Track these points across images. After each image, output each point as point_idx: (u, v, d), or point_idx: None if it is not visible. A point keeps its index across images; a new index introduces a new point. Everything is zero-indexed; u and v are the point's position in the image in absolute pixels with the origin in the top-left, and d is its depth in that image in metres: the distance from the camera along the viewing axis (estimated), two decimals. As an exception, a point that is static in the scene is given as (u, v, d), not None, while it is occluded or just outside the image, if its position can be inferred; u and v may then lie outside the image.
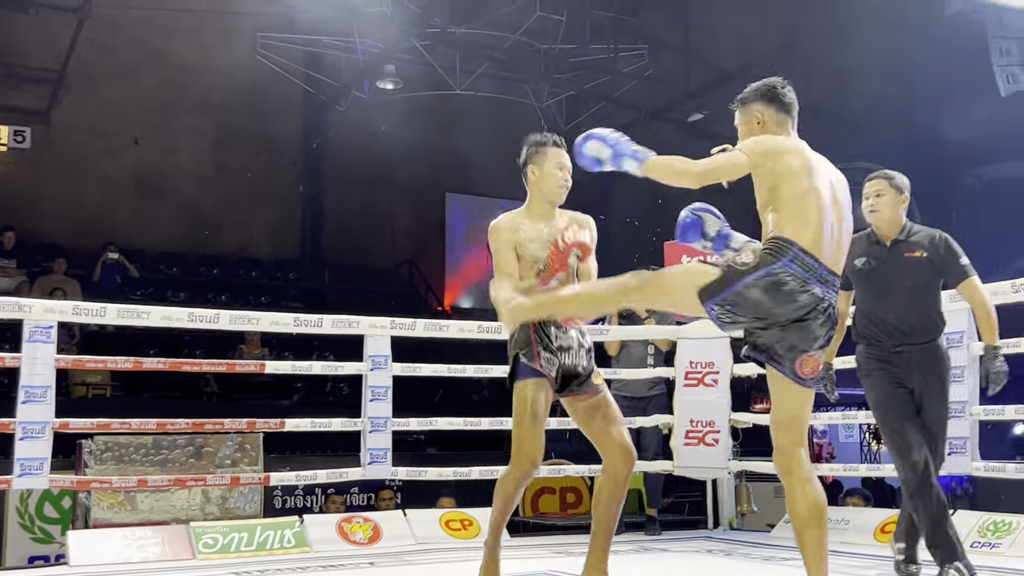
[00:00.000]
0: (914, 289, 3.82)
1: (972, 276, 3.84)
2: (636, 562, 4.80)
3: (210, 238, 13.99)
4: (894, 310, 3.81)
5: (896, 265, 3.84)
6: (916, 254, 3.82)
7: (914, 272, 3.82)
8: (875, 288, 3.86)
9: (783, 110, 3.07)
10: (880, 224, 3.90)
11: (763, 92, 3.09)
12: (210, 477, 5.20)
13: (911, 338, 3.80)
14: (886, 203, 3.87)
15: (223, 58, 13.49)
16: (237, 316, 5.09)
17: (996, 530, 4.58)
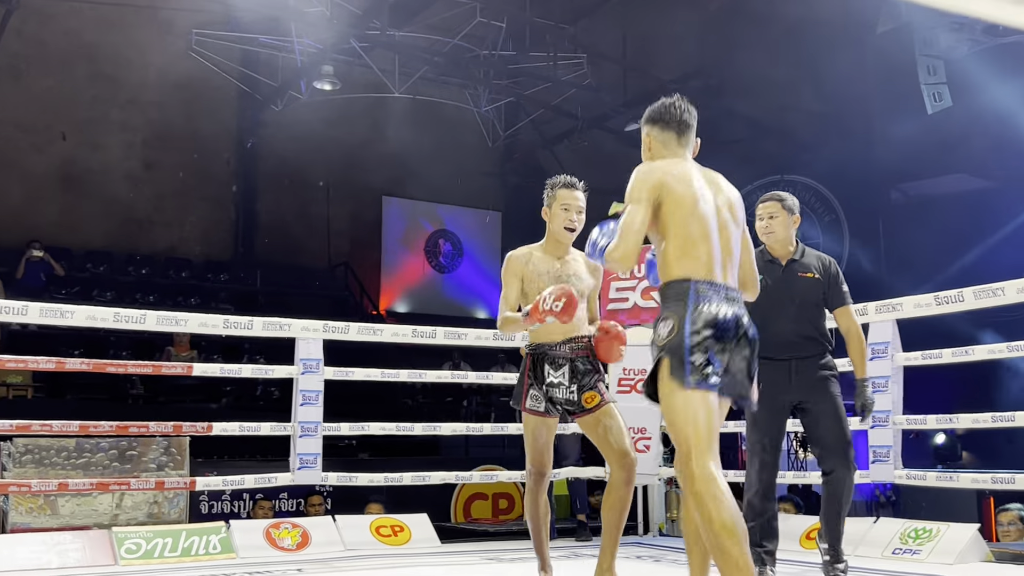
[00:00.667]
0: (804, 306, 4.04)
1: (850, 304, 4.09)
2: (566, 568, 4.81)
3: (139, 237, 13.71)
4: (783, 325, 3.98)
5: (790, 283, 4.04)
6: (808, 275, 4.05)
7: (805, 291, 4.04)
8: (768, 304, 3.88)
9: (669, 128, 3.04)
10: (774, 244, 4.11)
11: (650, 114, 3.09)
12: (134, 481, 5.08)
13: (798, 351, 4.00)
14: (780, 224, 4.08)
15: (157, 54, 13.23)
16: (164, 317, 4.99)
17: (917, 537, 4.68)
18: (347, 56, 12.84)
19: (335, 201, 15.13)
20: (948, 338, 4.50)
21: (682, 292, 2.82)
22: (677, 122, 3.03)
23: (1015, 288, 4.49)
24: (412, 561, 4.90)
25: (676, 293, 2.83)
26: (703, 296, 2.80)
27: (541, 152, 16.39)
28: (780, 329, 3.95)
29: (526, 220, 16.77)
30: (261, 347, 10.79)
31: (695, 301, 2.79)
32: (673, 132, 3.04)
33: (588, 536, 5.92)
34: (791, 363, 3.99)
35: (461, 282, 16.66)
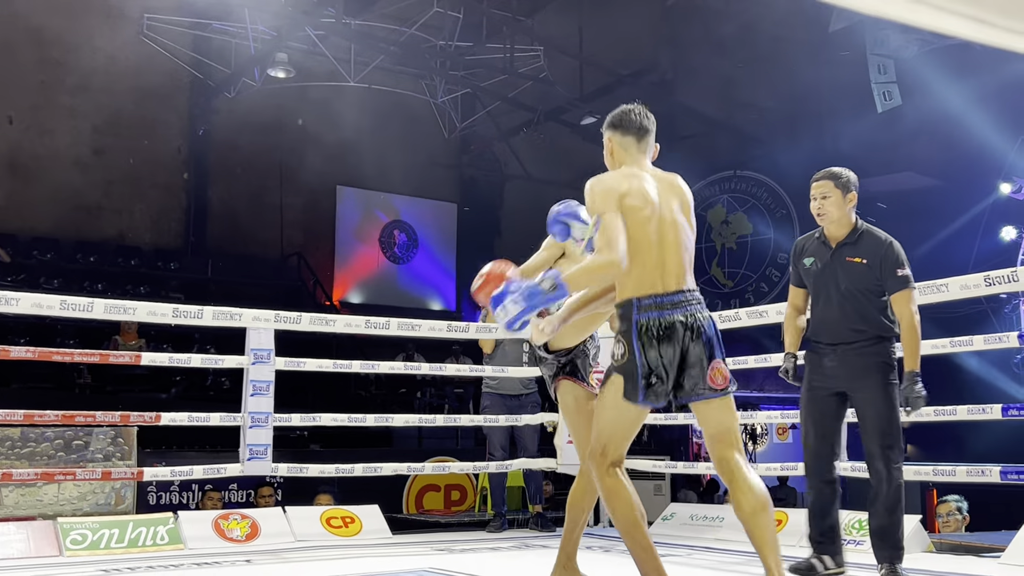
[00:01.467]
0: (849, 293, 3.79)
1: (906, 289, 3.75)
2: (516, 558, 4.84)
3: (88, 224, 13.48)
4: (830, 312, 3.82)
5: (836, 268, 3.82)
6: (856, 260, 3.79)
7: (852, 277, 3.79)
8: (816, 288, 3.89)
9: (628, 132, 3.19)
10: (828, 225, 3.87)
11: (611, 119, 3.24)
12: (80, 471, 5.00)
13: (844, 339, 3.79)
14: (833, 204, 3.83)
15: (107, 39, 13.01)
16: (112, 305, 4.91)
17: (861, 528, 4.77)
18: (302, 44, 12.74)
19: (288, 190, 15.00)
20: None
21: (628, 312, 3.00)
22: (636, 128, 3.19)
23: (958, 285, 4.58)
24: (363, 552, 4.89)
25: (624, 313, 3.02)
26: (643, 313, 2.97)
27: (497, 144, 16.40)
28: (825, 316, 3.82)
29: (482, 211, 16.88)
30: (212, 337, 10.69)
31: (638, 321, 2.97)
32: (632, 137, 3.19)
33: (551, 527, 5.95)
34: (837, 349, 3.79)
35: (416, 273, 16.61)
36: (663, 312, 2.97)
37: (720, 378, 3.03)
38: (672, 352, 2.96)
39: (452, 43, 13.50)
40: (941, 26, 0.85)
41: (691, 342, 2.97)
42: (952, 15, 0.80)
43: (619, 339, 3.03)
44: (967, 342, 4.77)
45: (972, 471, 4.57)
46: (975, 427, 8.73)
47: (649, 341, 2.96)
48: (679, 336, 2.96)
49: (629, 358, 2.98)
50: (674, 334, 2.96)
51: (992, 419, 4.57)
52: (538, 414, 6.02)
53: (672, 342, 2.96)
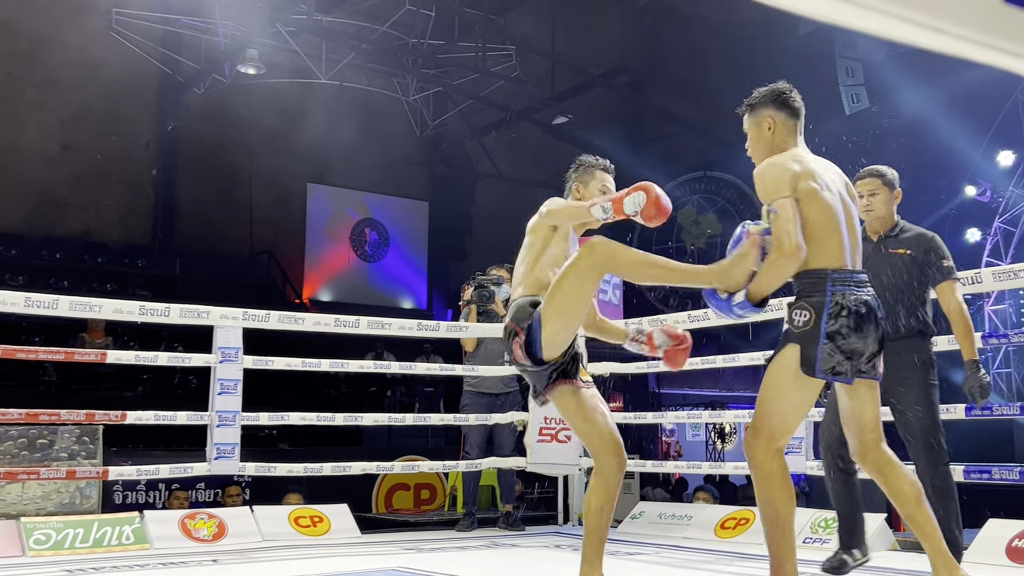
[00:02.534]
0: (893, 287, 3.78)
1: (951, 279, 3.77)
2: (485, 557, 4.84)
3: (54, 220, 13.33)
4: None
5: (880, 260, 3.81)
6: (900, 251, 3.81)
7: (896, 269, 3.79)
8: None
9: (794, 115, 3.09)
10: (873, 222, 3.90)
11: (774, 97, 3.10)
12: (44, 470, 4.94)
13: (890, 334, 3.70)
14: (881, 201, 3.89)
15: (76, 32, 12.86)
16: (78, 303, 4.86)
17: (827, 526, 4.82)
18: (272, 40, 12.67)
19: (258, 187, 14.91)
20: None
21: (820, 283, 2.86)
22: (799, 110, 3.09)
23: (923, 286, 4.63)
24: (331, 552, 4.88)
25: (813, 283, 2.87)
26: (839, 286, 2.85)
27: (469, 143, 16.40)
28: None
29: (453, 210, 16.86)
30: (179, 335, 10.59)
31: (832, 292, 2.84)
32: (797, 121, 3.09)
33: (520, 526, 5.95)
34: None
35: (387, 272, 16.57)
36: (859, 288, 2.88)
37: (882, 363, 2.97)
38: (865, 330, 2.85)
39: (424, 41, 13.48)
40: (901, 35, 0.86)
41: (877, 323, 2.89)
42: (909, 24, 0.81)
43: (804, 307, 2.86)
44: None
45: (936, 470, 4.62)
46: (940, 427, 8.83)
47: (842, 315, 2.82)
48: (873, 316, 2.87)
49: (814, 327, 2.83)
50: (869, 312, 2.86)
51: (956, 419, 4.63)
52: (508, 413, 6.02)
53: (866, 320, 2.85)
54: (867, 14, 0.78)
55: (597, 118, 15.33)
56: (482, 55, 13.84)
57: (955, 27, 0.82)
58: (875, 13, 0.78)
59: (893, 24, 0.80)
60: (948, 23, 0.81)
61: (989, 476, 4.36)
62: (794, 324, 2.87)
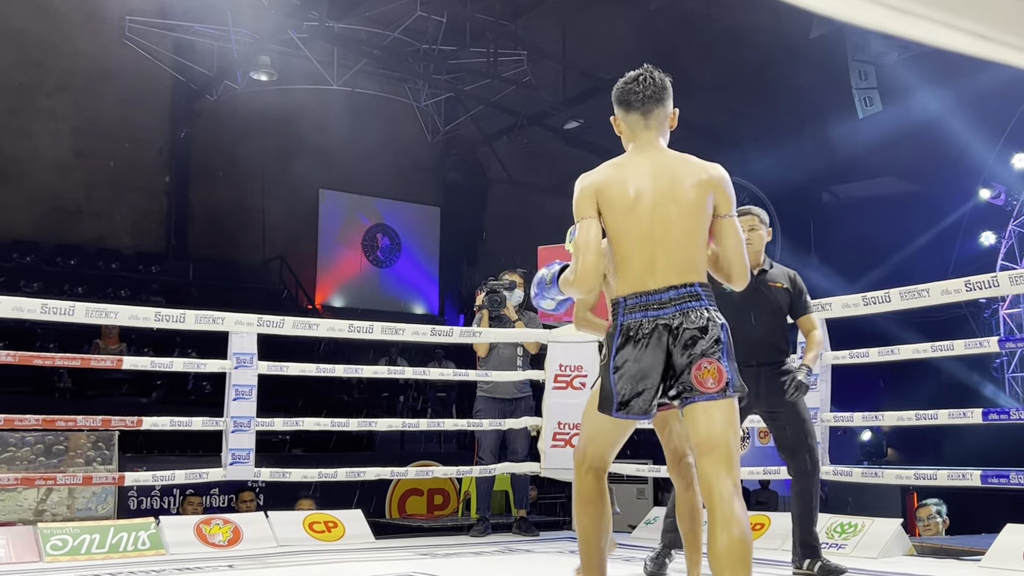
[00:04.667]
0: (773, 314, 4.22)
1: (813, 312, 4.35)
2: (499, 563, 4.83)
3: (67, 227, 13.40)
4: (754, 331, 4.13)
5: (760, 292, 4.19)
6: (778, 284, 4.26)
7: (775, 300, 4.23)
8: (737, 310, 3.98)
9: (631, 109, 2.83)
10: (750, 255, 4.17)
11: (614, 95, 2.88)
12: (60, 476, 4.97)
13: (762, 357, 4.14)
14: (759, 237, 4.28)
15: (88, 41, 12.94)
16: (94, 309, 4.88)
17: (843, 531, 4.79)
18: (284, 47, 12.71)
19: (270, 194, 14.95)
20: (875, 338, 4.62)
21: (615, 313, 2.73)
22: (641, 101, 2.83)
23: (939, 290, 4.61)
24: (346, 557, 4.88)
25: (613, 313, 2.76)
26: (629, 315, 2.68)
27: (480, 148, 16.41)
28: (749, 336, 4.06)
29: (465, 216, 16.87)
30: (193, 341, 10.62)
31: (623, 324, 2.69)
32: (638, 113, 2.82)
33: (534, 531, 5.94)
34: (759, 370, 4.10)
35: (399, 277, 16.59)
36: (648, 312, 2.65)
37: (710, 379, 2.63)
38: (654, 358, 2.64)
39: (435, 47, 13.50)
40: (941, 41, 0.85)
41: (676, 344, 2.64)
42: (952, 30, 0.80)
43: (605, 341, 2.76)
44: (948, 347, 4.80)
45: (953, 475, 4.60)
46: (954, 431, 8.80)
47: (631, 341, 2.66)
48: (663, 339, 2.64)
49: (606, 361, 2.70)
50: (658, 337, 2.64)
51: (973, 423, 4.61)
52: (522, 418, 6.01)
53: (656, 346, 2.64)
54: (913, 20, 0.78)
55: (608, 123, 15.26)
56: (493, 60, 13.85)
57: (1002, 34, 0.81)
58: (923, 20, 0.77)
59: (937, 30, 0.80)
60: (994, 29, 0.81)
61: (1007, 480, 4.33)
62: (601, 359, 2.78)
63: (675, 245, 2.69)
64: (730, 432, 2.64)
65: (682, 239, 2.69)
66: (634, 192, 2.71)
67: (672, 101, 2.91)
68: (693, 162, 2.80)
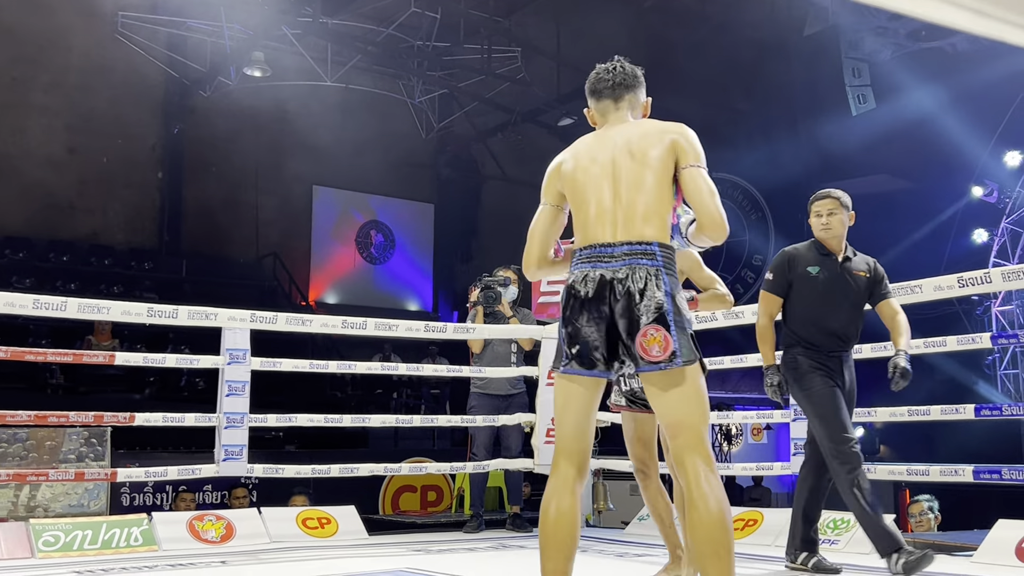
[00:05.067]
0: (855, 303, 4.13)
1: (893, 297, 4.20)
2: (493, 558, 4.84)
3: (61, 223, 13.36)
4: (838, 319, 4.06)
5: (845, 279, 4.11)
6: (861, 273, 4.14)
7: (857, 288, 4.12)
8: (823, 297, 4.08)
9: (602, 97, 2.90)
10: (831, 240, 4.15)
11: (587, 87, 2.96)
12: (53, 472, 4.95)
13: (844, 345, 4.09)
14: (838, 221, 4.14)
15: (81, 36, 12.90)
16: (86, 304, 4.87)
17: (836, 527, 4.81)
18: (278, 43, 12.68)
19: (264, 190, 14.93)
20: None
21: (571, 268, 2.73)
22: (610, 87, 2.89)
23: (932, 286, 4.63)
24: (339, 553, 4.88)
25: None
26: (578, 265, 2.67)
27: (475, 145, 16.40)
28: (834, 324, 4.05)
29: (459, 212, 16.85)
30: (186, 337, 10.61)
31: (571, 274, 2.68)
32: (609, 100, 2.89)
33: (528, 527, 5.94)
34: (841, 356, 4.08)
35: (393, 274, 16.58)
36: (597, 264, 2.61)
37: (655, 347, 2.53)
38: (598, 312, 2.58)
39: (429, 43, 13.49)
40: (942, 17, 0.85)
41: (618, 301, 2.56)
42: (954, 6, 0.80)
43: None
44: (941, 343, 4.81)
45: (946, 471, 4.62)
46: (946, 427, 8.82)
47: (574, 297, 2.62)
48: (605, 293, 2.58)
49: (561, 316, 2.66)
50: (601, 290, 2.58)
51: (965, 419, 4.62)
52: (515, 414, 6.01)
53: (599, 300, 2.58)
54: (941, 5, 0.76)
55: (602, 120, 15.28)
56: (487, 57, 13.84)
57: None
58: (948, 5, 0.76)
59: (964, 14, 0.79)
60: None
61: (999, 477, 4.34)
62: None
63: (632, 200, 2.66)
64: (689, 408, 2.57)
65: (640, 194, 2.66)
66: (593, 155, 2.76)
67: (644, 91, 2.96)
68: (656, 123, 2.82)
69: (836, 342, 4.06)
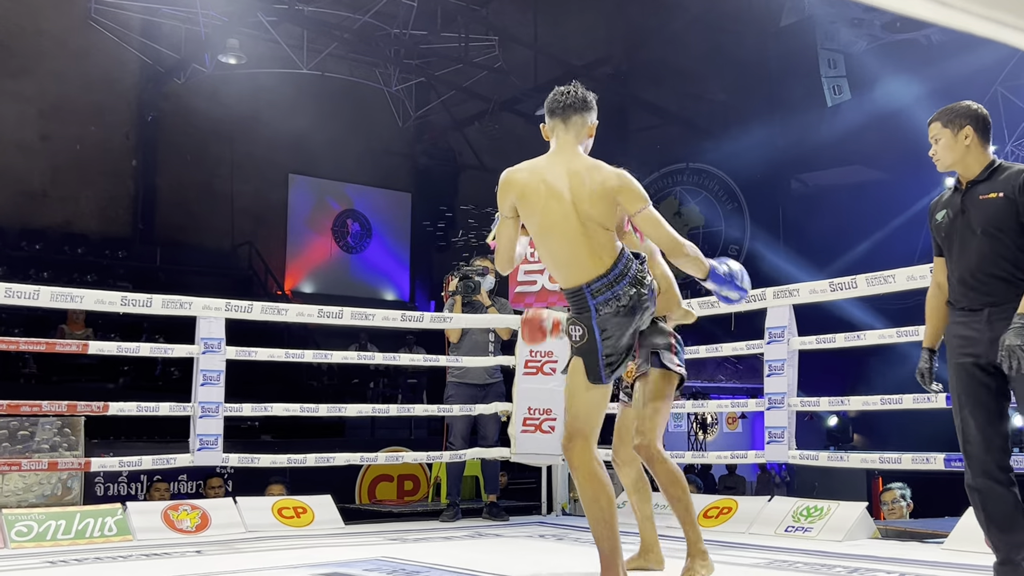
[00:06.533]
0: (987, 237, 3.05)
1: None
2: (470, 547, 4.84)
3: (33, 211, 13.22)
4: (966, 264, 3.09)
5: (969, 211, 3.11)
6: (992, 195, 3.06)
7: (988, 216, 3.05)
8: (950, 242, 3.17)
9: (553, 115, 3.23)
10: (946, 171, 3.30)
11: (545, 105, 3.26)
12: (25, 462, 4.91)
13: (986, 296, 3.05)
14: (944, 147, 3.24)
15: (53, 22, 12.75)
16: (59, 293, 4.82)
17: (809, 515, 4.85)
18: (253, 30, 12.58)
19: (239, 178, 14.83)
20: (842, 324, 4.65)
21: (582, 298, 3.08)
22: (560, 108, 3.21)
23: (905, 276, 4.67)
24: (315, 542, 4.87)
25: (577, 298, 3.09)
26: (598, 296, 3.06)
27: (452, 134, 16.36)
28: (963, 271, 3.09)
29: (436, 201, 16.82)
30: (160, 327, 10.54)
31: (596, 305, 3.06)
32: (558, 119, 3.22)
33: (504, 516, 5.95)
34: (984, 312, 3.03)
35: (369, 263, 16.53)
36: (615, 290, 3.07)
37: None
38: (627, 329, 3.10)
39: (406, 31, 13.43)
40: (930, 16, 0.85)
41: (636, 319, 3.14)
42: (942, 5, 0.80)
43: (575, 322, 3.10)
44: (913, 332, 4.85)
45: (917, 459, 4.66)
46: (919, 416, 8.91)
47: (608, 321, 3.07)
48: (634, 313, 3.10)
49: (589, 339, 3.07)
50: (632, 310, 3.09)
51: (937, 407, 4.66)
52: (493, 403, 6.02)
53: (630, 318, 3.09)
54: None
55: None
56: (465, 46, 13.80)
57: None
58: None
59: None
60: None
61: (969, 464, 4.39)
62: (572, 339, 3.13)
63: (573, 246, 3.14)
64: None
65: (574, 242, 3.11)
66: (546, 189, 3.13)
67: (595, 115, 3.25)
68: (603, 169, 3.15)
69: (973, 296, 3.08)
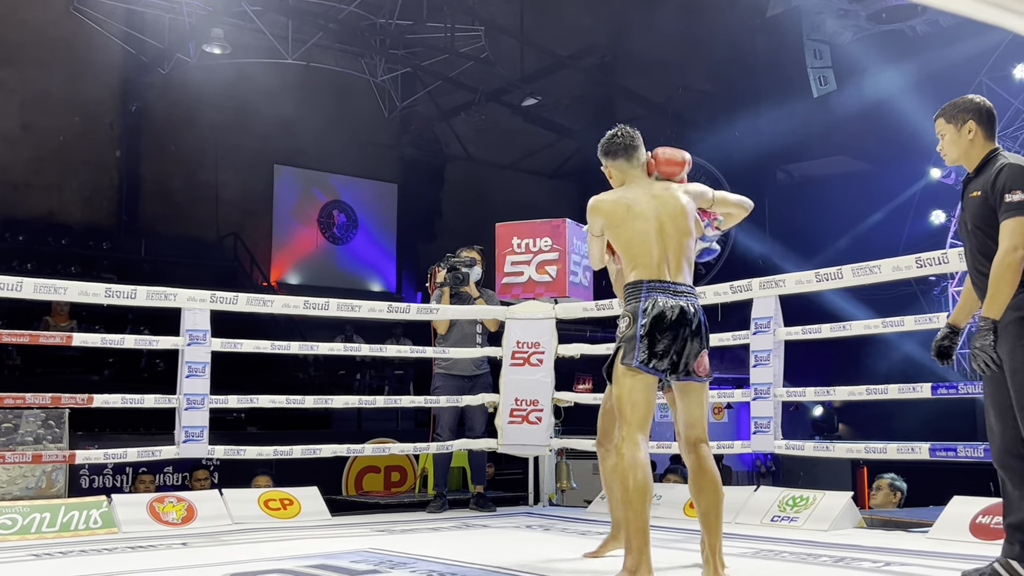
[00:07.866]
0: (975, 234, 3.14)
1: (1010, 217, 2.99)
2: (457, 538, 4.85)
3: (16, 202, 13.10)
4: (967, 259, 3.22)
5: (965, 208, 3.22)
6: (974, 194, 3.14)
7: (974, 214, 3.14)
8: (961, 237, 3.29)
9: (619, 156, 3.65)
10: (962, 164, 3.28)
11: (601, 148, 3.68)
12: (9, 455, 4.89)
13: (981, 291, 3.12)
14: (949, 142, 3.26)
15: (36, 11, 12.62)
16: (42, 285, 4.79)
17: (794, 505, 4.87)
18: (238, 19, 12.49)
19: (224, 169, 14.73)
20: (828, 315, 4.66)
21: (636, 291, 3.41)
22: (624, 149, 3.65)
23: (890, 266, 4.69)
24: (301, 534, 4.86)
25: (632, 292, 3.43)
26: (651, 293, 3.38)
27: (438, 124, 16.30)
28: (967, 266, 3.22)
29: (422, 192, 16.78)
30: (145, 318, 10.48)
31: (646, 299, 3.38)
32: (623, 159, 3.65)
33: (491, 507, 5.96)
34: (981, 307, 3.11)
35: (356, 254, 16.47)
36: (668, 295, 3.38)
37: (703, 368, 3.44)
38: (673, 332, 3.34)
39: (392, 21, 13.37)
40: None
41: (689, 328, 3.37)
42: None
43: (625, 314, 3.42)
44: (898, 323, 4.88)
45: (903, 448, 4.69)
46: (904, 405, 8.97)
47: (654, 318, 3.34)
48: (681, 320, 3.36)
49: (633, 331, 3.35)
50: (678, 316, 3.36)
51: (922, 397, 4.69)
52: (480, 395, 6.02)
53: (676, 324, 3.35)
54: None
55: (566, 100, 15.30)
56: (451, 36, 13.74)
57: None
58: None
59: None
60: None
61: (955, 454, 4.42)
62: (619, 330, 3.45)
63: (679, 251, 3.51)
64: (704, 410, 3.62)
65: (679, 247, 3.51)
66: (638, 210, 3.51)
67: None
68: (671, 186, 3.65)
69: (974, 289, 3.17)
